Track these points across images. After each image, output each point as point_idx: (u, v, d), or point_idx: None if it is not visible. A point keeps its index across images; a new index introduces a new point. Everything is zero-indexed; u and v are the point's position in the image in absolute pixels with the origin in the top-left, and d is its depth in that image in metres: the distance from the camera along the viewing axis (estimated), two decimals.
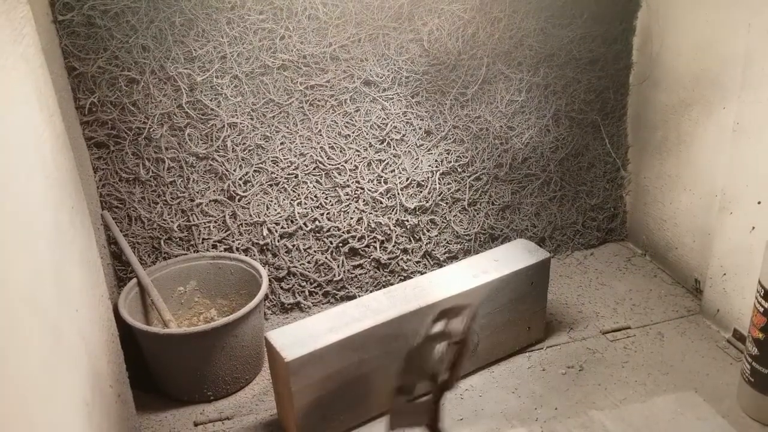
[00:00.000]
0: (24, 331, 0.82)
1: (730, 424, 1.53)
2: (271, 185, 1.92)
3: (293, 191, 1.94)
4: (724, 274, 1.83)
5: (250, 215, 1.91)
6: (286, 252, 1.95)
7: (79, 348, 1.07)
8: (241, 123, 1.85)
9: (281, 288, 1.97)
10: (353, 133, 1.95)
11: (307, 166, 1.93)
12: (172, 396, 1.67)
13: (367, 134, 1.96)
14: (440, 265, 2.08)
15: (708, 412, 1.56)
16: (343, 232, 1.98)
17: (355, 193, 1.99)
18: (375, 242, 2.03)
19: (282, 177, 1.92)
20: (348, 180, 1.97)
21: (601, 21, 2.11)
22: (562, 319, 1.94)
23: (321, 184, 1.96)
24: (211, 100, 1.81)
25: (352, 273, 2.02)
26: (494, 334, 1.71)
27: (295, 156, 1.92)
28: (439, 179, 2.06)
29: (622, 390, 1.67)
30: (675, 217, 2.10)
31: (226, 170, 1.87)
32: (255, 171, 1.90)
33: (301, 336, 1.44)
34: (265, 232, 1.92)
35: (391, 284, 2.02)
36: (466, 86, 2.03)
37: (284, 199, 1.94)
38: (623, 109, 2.27)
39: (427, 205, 2.06)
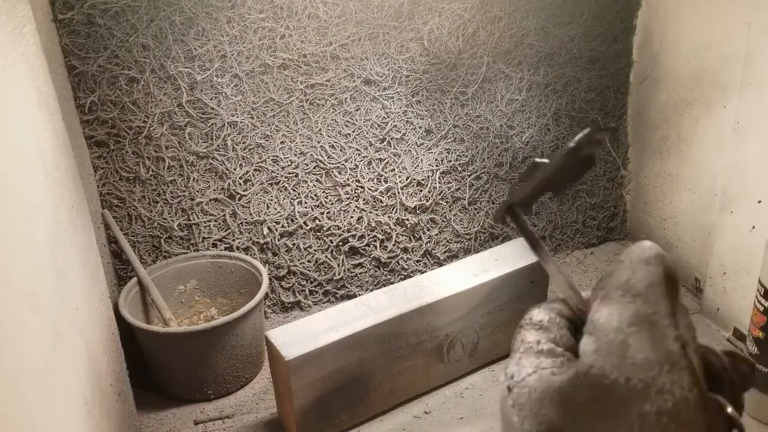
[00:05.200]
0: (24, 330, 0.83)
1: None
2: (271, 184, 1.92)
3: (293, 190, 1.94)
4: (725, 273, 1.83)
5: (251, 214, 1.91)
6: (286, 251, 1.95)
7: (79, 347, 1.07)
8: (241, 122, 1.85)
9: (281, 287, 1.97)
10: (353, 132, 1.95)
11: (307, 165, 1.93)
12: (173, 395, 1.67)
13: (367, 133, 1.96)
14: (440, 264, 2.08)
15: None
16: (343, 231, 1.98)
17: (355, 192, 1.99)
18: (375, 241, 2.03)
19: (282, 176, 1.92)
20: (348, 179, 1.97)
21: (602, 20, 2.11)
22: None
23: (321, 183, 1.96)
24: (211, 99, 1.81)
25: (352, 272, 2.02)
26: (494, 333, 1.71)
27: (296, 155, 1.92)
28: (439, 178, 2.06)
29: None
30: (675, 216, 2.10)
31: (227, 169, 1.87)
32: (255, 170, 1.90)
33: (301, 335, 1.45)
34: (266, 230, 1.92)
35: (392, 283, 2.02)
36: (466, 85, 2.03)
37: (284, 198, 1.94)
38: (623, 108, 2.27)
39: (428, 204, 2.06)
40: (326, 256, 1.99)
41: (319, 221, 1.96)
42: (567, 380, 0.62)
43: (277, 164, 1.91)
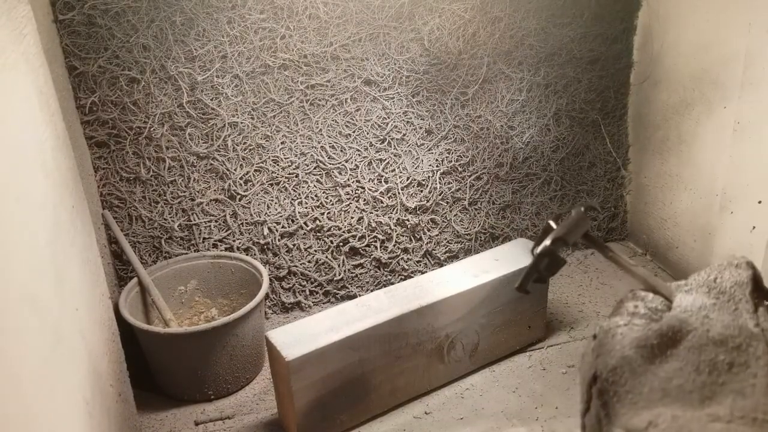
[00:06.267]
0: (24, 330, 0.83)
1: None
2: (271, 184, 1.92)
3: (294, 190, 1.94)
4: None
5: (251, 215, 1.91)
6: (286, 251, 1.95)
7: (79, 347, 1.07)
8: (241, 122, 1.85)
9: (282, 287, 1.97)
10: (354, 132, 1.95)
11: (307, 166, 1.94)
12: (173, 395, 1.67)
13: (367, 133, 1.96)
14: (441, 265, 2.08)
15: None
16: (343, 232, 1.98)
17: (355, 193, 1.99)
18: (375, 242, 2.03)
19: (283, 176, 1.92)
20: (348, 179, 1.97)
21: (602, 20, 2.11)
22: (562, 319, 1.94)
23: (321, 183, 1.96)
24: (211, 100, 1.81)
25: (352, 272, 2.02)
26: (495, 333, 1.71)
27: (296, 155, 1.92)
28: (439, 179, 2.06)
29: None
30: (676, 217, 2.10)
31: (227, 169, 1.87)
32: (256, 170, 1.90)
33: (301, 335, 1.45)
34: (266, 231, 1.92)
35: (392, 283, 2.02)
36: (466, 85, 2.03)
37: (285, 199, 1.94)
38: (624, 109, 2.27)
39: (428, 204, 2.06)
40: (327, 257, 1.99)
41: (320, 222, 1.96)
42: (650, 329, 0.67)
43: (278, 165, 1.91)
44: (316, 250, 1.98)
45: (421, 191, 2.05)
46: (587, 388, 0.73)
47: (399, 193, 2.02)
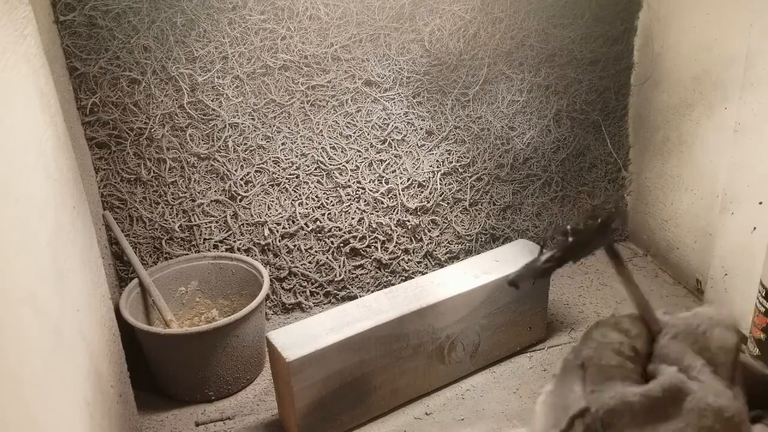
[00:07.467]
0: (25, 331, 0.83)
1: None
2: (272, 185, 1.93)
3: (294, 191, 1.94)
4: (726, 274, 1.82)
5: (252, 215, 1.91)
6: (287, 252, 1.95)
7: (80, 348, 1.07)
8: (242, 123, 1.85)
9: (282, 288, 1.97)
10: (354, 133, 1.95)
11: (308, 167, 1.94)
12: (174, 396, 1.67)
13: (368, 134, 1.96)
14: (441, 266, 2.08)
15: None
16: (344, 233, 1.98)
17: (356, 194, 1.99)
18: (376, 242, 2.03)
19: (283, 177, 1.92)
20: (349, 180, 1.97)
21: (603, 21, 2.11)
22: (563, 320, 1.94)
23: (322, 184, 1.96)
24: (212, 101, 1.81)
25: (353, 273, 2.02)
26: (495, 334, 1.71)
27: (297, 156, 1.92)
28: (440, 179, 2.06)
29: None
30: (676, 218, 2.10)
31: (228, 170, 1.87)
32: (256, 171, 1.90)
33: (302, 336, 1.45)
34: (267, 232, 1.92)
35: (393, 284, 2.02)
36: (467, 86, 2.03)
37: (285, 200, 1.94)
38: (624, 110, 2.27)
39: (429, 205, 2.06)
40: (327, 258, 1.99)
41: (320, 222, 1.96)
42: (655, 382, 0.62)
43: (278, 165, 1.92)
44: (316, 251, 1.98)
45: (422, 192, 2.05)
46: (570, 419, 0.68)
47: (399, 193, 2.02)
